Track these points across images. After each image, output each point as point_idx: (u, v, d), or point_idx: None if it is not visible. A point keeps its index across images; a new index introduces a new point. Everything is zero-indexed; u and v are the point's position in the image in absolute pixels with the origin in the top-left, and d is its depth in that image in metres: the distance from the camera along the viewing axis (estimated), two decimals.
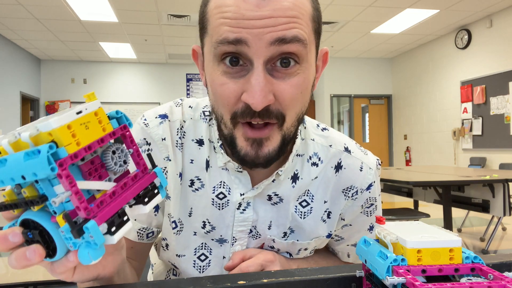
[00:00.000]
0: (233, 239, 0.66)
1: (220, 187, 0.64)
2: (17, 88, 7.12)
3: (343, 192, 0.68)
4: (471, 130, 6.26)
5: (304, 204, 0.67)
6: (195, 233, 0.66)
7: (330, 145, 0.69)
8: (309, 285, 0.46)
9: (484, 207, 3.09)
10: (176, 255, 0.68)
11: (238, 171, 0.63)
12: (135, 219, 0.66)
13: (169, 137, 0.64)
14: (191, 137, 0.66)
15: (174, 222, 0.66)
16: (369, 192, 0.69)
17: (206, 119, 0.67)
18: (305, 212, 0.67)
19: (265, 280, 0.46)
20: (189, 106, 0.68)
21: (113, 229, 0.34)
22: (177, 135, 0.65)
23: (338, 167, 0.68)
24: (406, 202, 5.61)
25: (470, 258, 0.36)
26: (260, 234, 0.66)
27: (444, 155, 6.97)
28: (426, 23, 6.21)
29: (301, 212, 0.67)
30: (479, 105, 6.10)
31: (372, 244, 0.40)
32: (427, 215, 3.04)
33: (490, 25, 5.88)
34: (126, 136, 0.37)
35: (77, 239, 0.32)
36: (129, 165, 0.38)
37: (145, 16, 5.65)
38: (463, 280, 0.34)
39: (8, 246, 0.34)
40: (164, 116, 0.66)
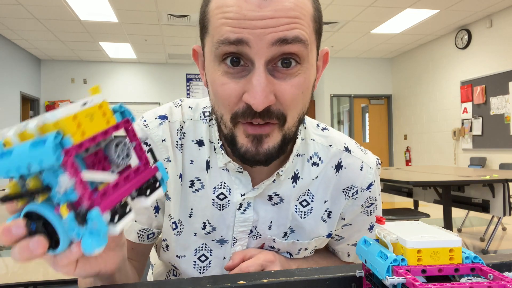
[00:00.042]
0: (234, 240, 0.66)
1: (221, 188, 0.64)
2: (17, 88, 7.12)
3: (343, 192, 0.69)
4: (471, 130, 6.26)
5: (304, 203, 0.67)
6: (195, 234, 0.66)
7: (330, 145, 0.69)
8: (309, 285, 0.46)
9: (484, 207, 3.09)
10: (176, 256, 0.67)
11: (239, 171, 0.63)
12: (135, 220, 0.66)
13: (169, 138, 0.64)
14: (191, 138, 0.66)
15: (174, 223, 0.66)
16: (369, 191, 0.69)
17: (206, 119, 0.66)
18: (305, 212, 0.67)
19: (265, 280, 0.46)
20: (189, 107, 0.68)
21: (115, 219, 0.34)
22: (177, 136, 0.65)
23: (339, 166, 0.68)
24: (406, 202, 5.61)
25: (470, 258, 0.36)
26: (260, 234, 0.66)
27: (444, 155, 6.97)
28: (426, 23, 6.21)
29: (301, 211, 0.67)
30: (479, 105, 6.10)
31: (372, 244, 0.40)
32: (427, 215, 3.04)
33: (490, 25, 5.88)
34: (129, 130, 0.38)
35: (80, 229, 0.32)
36: (131, 160, 0.38)
37: (145, 16, 5.65)
38: (463, 280, 0.34)
39: (12, 238, 0.34)
40: (164, 117, 0.66)
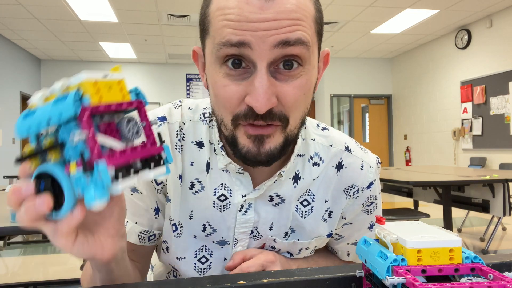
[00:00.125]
0: (235, 241, 0.66)
1: (221, 189, 0.64)
2: (17, 88, 7.12)
3: (344, 191, 0.69)
4: (471, 130, 6.26)
5: (305, 203, 0.67)
6: (195, 236, 0.66)
7: (331, 145, 0.69)
8: (309, 285, 0.46)
9: (484, 207, 3.09)
10: (176, 257, 0.67)
11: (240, 172, 0.63)
12: (135, 222, 0.65)
13: (168, 139, 0.64)
14: (190, 139, 0.65)
15: (174, 225, 0.66)
16: (370, 190, 0.69)
17: (206, 120, 0.66)
18: (306, 212, 0.67)
19: (265, 280, 0.46)
20: (189, 108, 0.68)
21: (119, 177, 0.35)
22: (176, 137, 0.65)
23: (339, 166, 0.68)
24: (406, 202, 5.61)
25: (470, 258, 0.36)
26: (261, 235, 0.66)
27: (444, 155, 6.97)
28: (426, 23, 6.21)
29: (302, 211, 0.67)
30: (479, 105, 6.10)
31: (372, 244, 0.40)
32: (427, 215, 3.04)
33: (490, 25, 5.88)
34: (141, 110, 0.40)
35: (85, 180, 0.34)
36: (140, 139, 0.40)
37: (145, 16, 5.65)
38: (463, 280, 0.34)
39: (20, 198, 0.37)
40: (163, 119, 0.65)
